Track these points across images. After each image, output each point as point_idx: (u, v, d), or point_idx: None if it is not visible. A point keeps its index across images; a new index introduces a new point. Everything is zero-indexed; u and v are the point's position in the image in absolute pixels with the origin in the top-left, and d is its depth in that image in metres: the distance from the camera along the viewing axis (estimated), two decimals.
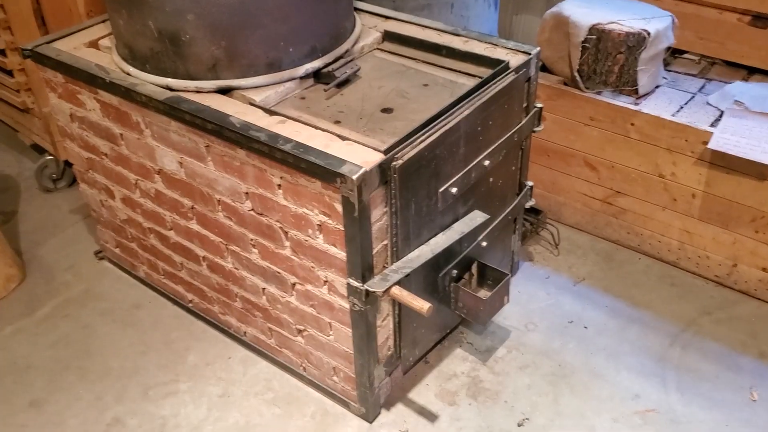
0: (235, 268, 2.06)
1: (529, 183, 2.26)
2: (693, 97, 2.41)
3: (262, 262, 1.96)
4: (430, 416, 2.03)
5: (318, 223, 1.72)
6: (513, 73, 1.94)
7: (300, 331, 2.03)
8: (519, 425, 1.99)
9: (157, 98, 1.85)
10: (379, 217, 1.69)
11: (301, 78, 1.94)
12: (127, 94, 1.92)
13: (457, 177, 1.85)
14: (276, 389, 2.13)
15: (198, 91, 1.88)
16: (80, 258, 2.64)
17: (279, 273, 1.93)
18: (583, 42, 2.34)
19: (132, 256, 2.46)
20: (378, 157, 1.61)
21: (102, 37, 2.19)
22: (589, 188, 2.54)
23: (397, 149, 1.65)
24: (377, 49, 2.16)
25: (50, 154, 2.92)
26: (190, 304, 2.37)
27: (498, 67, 1.94)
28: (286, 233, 1.82)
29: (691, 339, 2.23)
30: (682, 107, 2.35)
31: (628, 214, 2.50)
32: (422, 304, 1.68)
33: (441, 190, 1.81)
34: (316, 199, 1.68)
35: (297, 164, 1.64)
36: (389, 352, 1.98)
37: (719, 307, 2.33)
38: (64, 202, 2.92)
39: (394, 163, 1.63)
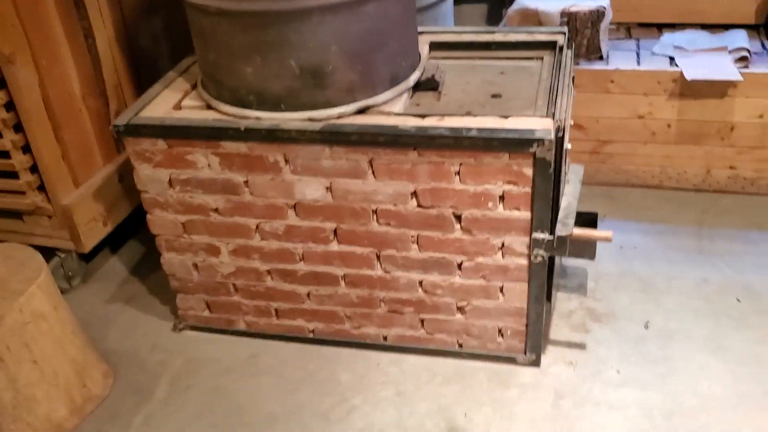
0: (386, 272, 2.23)
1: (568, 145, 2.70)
2: (638, 52, 3.03)
3: (422, 254, 2.16)
4: (579, 345, 2.36)
5: (500, 194, 1.99)
6: (567, 48, 2.37)
7: (460, 309, 2.25)
8: (646, 328, 2.41)
9: (312, 129, 2.00)
10: None
11: (410, 88, 2.20)
12: (270, 135, 2.03)
13: (566, 134, 2.23)
14: (440, 373, 2.32)
15: (340, 117, 2.05)
16: (157, 337, 2.57)
17: (443, 258, 2.15)
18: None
19: (230, 312, 2.48)
20: (549, 123, 1.94)
21: (181, 100, 2.24)
22: (578, 146, 3.05)
23: (553, 114, 1.99)
24: (431, 57, 2.46)
25: (63, 252, 2.76)
26: (311, 334, 2.45)
27: (556, 47, 2.36)
28: (458, 217, 2.06)
29: (709, 233, 2.81)
30: (638, 61, 2.95)
31: (614, 157, 3.05)
32: (606, 234, 2.03)
33: (564, 146, 2.18)
34: (501, 171, 1.95)
35: (487, 145, 1.91)
36: None
37: (710, 205, 2.96)
38: (88, 296, 2.78)
39: (558, 124, 1.97)
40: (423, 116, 2.03)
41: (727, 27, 3.11)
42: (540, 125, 1.92)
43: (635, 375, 2.25)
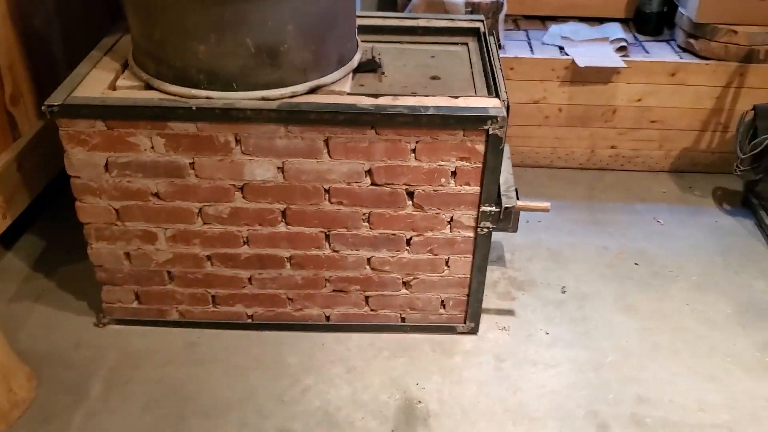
0: (334, 252, 2.26)
1: None
2: (530, 42, 3.26)
3: (372, 232, 2.22)
4: (508, 312, 2.53)
5: (452, 170, 2.10)
6: (489, 35, 2.52)
7: (406, 283, 2.33)
8: (563, 292, 2.63)
9: (269, 108, 1.99)
10: None
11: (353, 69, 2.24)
12: (223, 114, 1.99)
13: None
14: (385, 347, 2.39)
15: (293, 96, 2.05)
16: (79, 334, 2.41)
17: (393, 235, 2.22)
18: None
19: (163, 302, 2.39)
20: (498, 102, 2.07)
21: (115, 80, 2.13)
22: None
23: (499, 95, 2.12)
24: (361, 41, 2.51)
25: None
26: (250, 320, 2.43)
27: (479, 33, 2.50)
28: (411, 193, 2.14)
29: (599, 206, 3.11)
30: (531, 50, 3.18)
31: (512, 140, 3.26)
32: (545, 204, 2.20)
33: None
34: (455, 148, 2.06)
35: (444, 122, 2.00)
36: None
37: (595, 181, 3.26)
38: None
39: (505, 103, 2.11)
40: (376, 96, 2.08)
41: (601, 20, 3.42)
42: (490, 104, 2.04)
43: (561, 335, 2.45)
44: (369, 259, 2.28)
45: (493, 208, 2.16)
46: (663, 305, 2.59)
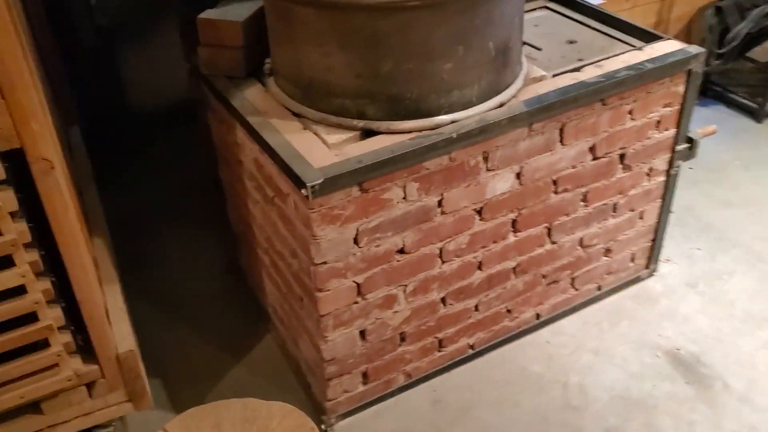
0: (553, 243, 2.16)
1: None
2: None
3: (588, 209, 2.16)
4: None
5: (657, 119, 2.12)
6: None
7: (607, 250, 2.32)
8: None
9: (519, 112, 1.83)
10: None
11: None
12: (482, 132, 1.79)
13: None
14: (599, 320, 2.36)
15: (517, 94, 1.90)
16: None
17: (605, 205, 2.19)
18: None
19: (390, 370, 2.09)
20: (677, 42, 2.12)
21: (321, 139, 1.78)
22: None
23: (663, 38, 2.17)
24: None
25: (108, 426, 1.93)
26: (471, 350, 2.23)
27: None
28: (622, 156, 2.12)
29: None
30: None
31: None
32: (713, 127, 2.32)
33: None
34: (662, 96, 2.07)
35: (659, 74, 2.01)
36: None
37: None
38: None
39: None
40: (579, 69, 2.01)
41: None
42: (676, 47, 2.09)
43: (710, 246, 2.63)
44: (581, 240, 2.22)
45: (685, 145, 2.23)
46: (739, 192, 2.89)
